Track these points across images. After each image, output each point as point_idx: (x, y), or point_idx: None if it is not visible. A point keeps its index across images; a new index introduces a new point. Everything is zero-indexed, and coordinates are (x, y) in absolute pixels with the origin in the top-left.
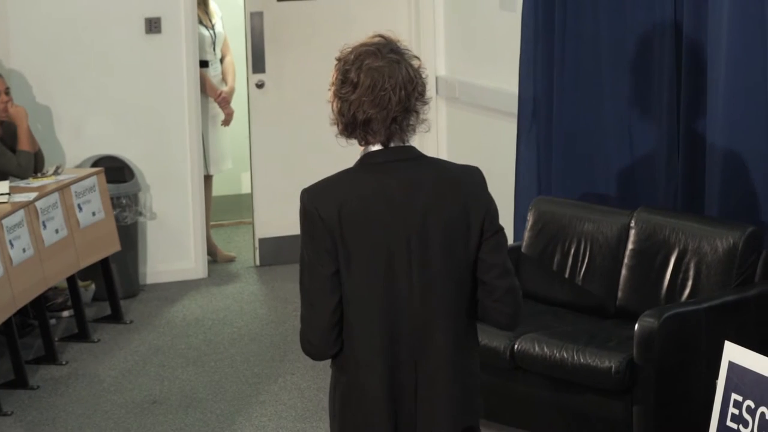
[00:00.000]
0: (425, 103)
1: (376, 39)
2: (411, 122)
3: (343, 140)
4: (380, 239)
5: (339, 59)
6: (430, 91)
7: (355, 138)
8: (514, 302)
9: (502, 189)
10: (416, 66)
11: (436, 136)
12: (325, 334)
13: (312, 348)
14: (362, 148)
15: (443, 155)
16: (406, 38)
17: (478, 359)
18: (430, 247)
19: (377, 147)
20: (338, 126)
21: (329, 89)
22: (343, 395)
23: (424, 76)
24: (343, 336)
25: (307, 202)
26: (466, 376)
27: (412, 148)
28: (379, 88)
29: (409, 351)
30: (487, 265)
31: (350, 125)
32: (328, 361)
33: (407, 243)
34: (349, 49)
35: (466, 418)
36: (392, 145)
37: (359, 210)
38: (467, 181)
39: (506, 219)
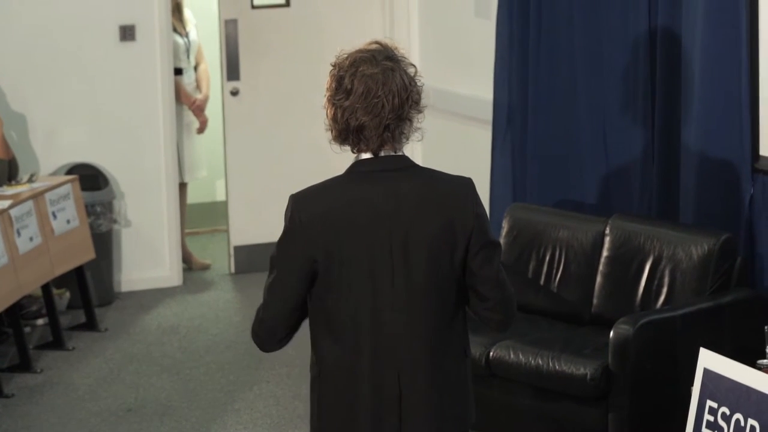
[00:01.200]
0: (419, 111)
1: (373, 46)
2: (404, 130)
3: (336, 146)
4: (363, 248)
5: (334, 65)
6: None
7: (348, 145)
8: (507, 311)
9: None
10: (412, 74)
11: (411, 144)
12: (273, 333)
13: (261, 342)
14: (354, 155)
15: (418, 161)
16: None
17: (467, 369)
18: (412, 258)
19: (368, 155)
20: (332, 132)
21: (324, 95)
22: (325, 407)
23: (420, 84)
24: (323, 344)
25: (293, 206)
26: (451, 386)
27: (404, 158)
28: (372, 95)
29: (392, 362)
30: (479, 279)
31: (343, 132)
32: (305, 369)
33: (390, 253)
34: (345, 55)
35: (456, 427)
36: (383, 153)
37: (343, 218)
38: (456, 193)
39: None
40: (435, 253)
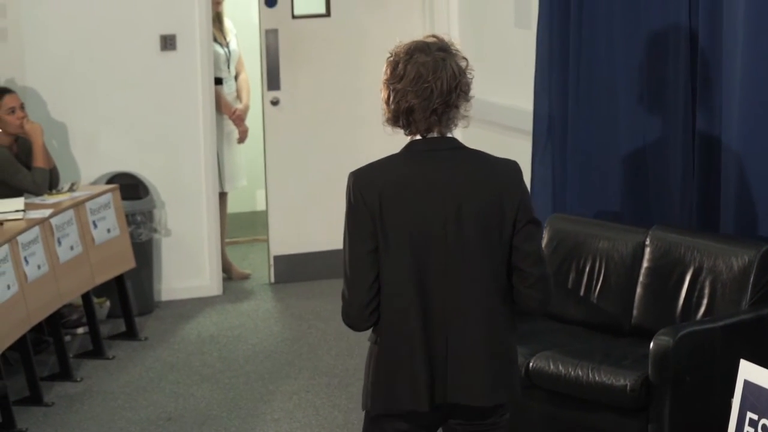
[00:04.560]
0: (467, 100)
1: (430, 38)
2: (451, 116)
3: (388, 128)
4: (418, 221)
5: (391, 53)
6: None
7: (400, 127)
8: (545, 289)
9: None
10: (463, 66)
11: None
12: (361, 308)
13: (350, 320)
14: (408, 138)
15: None
16: None
17: (514, 343)
18: (465, 231)
19: (419, 137)
20: (385, 114)
21: (381, 80)
22: (381, 360)
23: (470, 76)
24: (380, 310)
25: (353, 184)
26: (498, 356)
27: (454, 139)
28: (423, 80)
29: (442, 327)
30: (521, 253)
31: (395, 113)
32: (344, 379)
33: (443, 225)
34: (402, 45)
35: (494, 396)
36: (431, 135)
37: (399, 192)
38: (503, 172)
39: None
40: (485, 225)
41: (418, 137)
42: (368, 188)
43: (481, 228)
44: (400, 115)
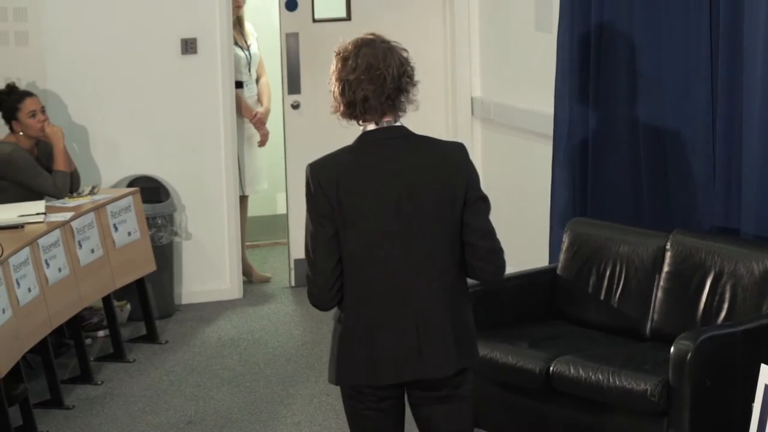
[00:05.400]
0: (414, 84)
1: (370, 36)
2: (402, 100)
3: (343, 122)
4: (374, 203)
5: (338, 52)
6: (466, 112)
7: (355, 118)
8: (497, 261)
9: (537, 210)
10: (405, 55)
11: (471, 157)
12: (326, 289)
13: (316, 300)
14: (361, 128)
15: (480, 175)
16: (441, 59)
17: (470, 313)
18: (419, 210)
19: (372, 126)
20: (340, 108)
21: (330, 79)
22: (345, 337)
23: (412, 63)
24: (344, 290)
25: (310, 173)
26: (461, 325)
27: (403, 127)
28: (375, 68)
29: (402, 304)
30: (470, 229)
31: (351, 104)
32: None
33: (399, 206)
34: (347, 43)
35: (463, 361)
36: (385, 122)
37: (355, 178)
38: (451, 154)
39: (541, 240)
40: (438, 204)
41: (371, 127)
42: (325, 176)
43: (434, 207)
44: (356, 105)
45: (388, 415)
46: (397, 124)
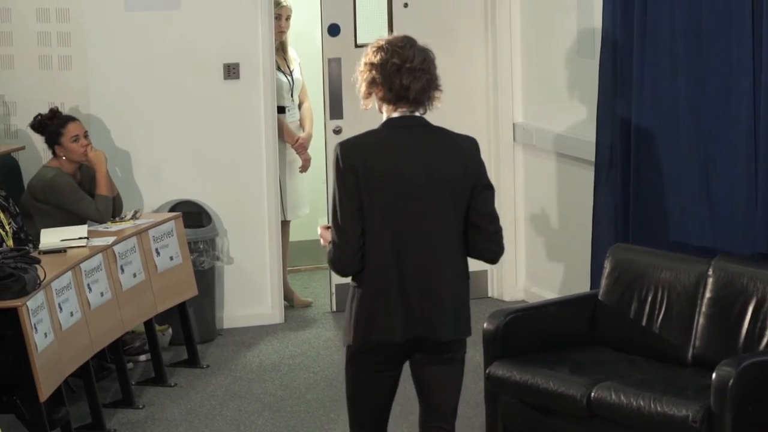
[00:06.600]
0: (441, 90)
1: (401, 36)
2: (431, 96)
3: (368, 107)
4: (396, 182)
5: (389, 41)
6: (508, 137)
7: (389, 103)
8: (499, 242)
9: (579, 236)
10: (433, 57)
11: (513, 182)
12: (352, 255)
13: (341, 265)
14: (384, 114)
15: (520, 200)
16: (483, 85)
17: (468, 289)
18: (435, 191)
19: (397, 114)
20: (378, 95)
21: (368, 71)
22: (363, 300)
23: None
24: (364, 258)
25: (340, 151)
26: (460, 300)
27: (423, 118)
28: (428, 61)
29: (414, 273)
30: (479, 213)
31: (390, 92)
32: (405, 407)
33: (418, 186)
34: (390, 37)
35: (454, 332)
36: (409, 112)
37: (380, 157)
38: (465, 146)
39: (583, 266)
40: (451, 187)
41: (395, 114)
42: (353, 154)
43: (448, 189)
44: (394, 93)
45: (385, 382)
46: (421, 115)
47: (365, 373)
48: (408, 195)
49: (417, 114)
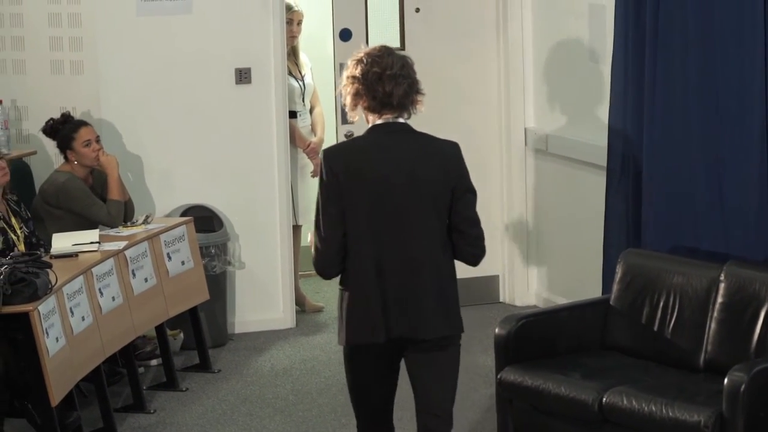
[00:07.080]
0: (422, 94)
1: (378, 46)
2: (413, 101)
3: (355, 117)
4: (378, 186)
5: (367, 53)
6: (520, 143)
7: (374, 112)
8: (480, 245)
9: (590, 241)
10: (411, 62)
11: (525, 187)
12: (331, 258)
13: (321, 269)
14: (369, 123)
15: (531, 205)
16: (495, 90)
17: (455, 287)
18: (416, 194)
19: (381, 121)
20: (363, 103)
21: (352, 82)
22: (348, 303)
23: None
24: (347, 261)
25: (323, 159)
26: (446, 297)
27: (407, 124)
28: (407, 67)
29: (397, 275)
30: (461, 217)
31: (374, 99)
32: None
33: (399, 190)
34: (368, 48)
35: (445, 328)
36: (392, 119)
37: (361, 162)
38: (447, 150)
39: (595, 271)
40: (433, 191)
41: (379, 121)
42: (336, 160)
43: (430, 193)
44: (378, 100)
45: (380, 379)
46: (401, 121)
47: (360, 371)
48: (389, 197)
49: (401, 120)
